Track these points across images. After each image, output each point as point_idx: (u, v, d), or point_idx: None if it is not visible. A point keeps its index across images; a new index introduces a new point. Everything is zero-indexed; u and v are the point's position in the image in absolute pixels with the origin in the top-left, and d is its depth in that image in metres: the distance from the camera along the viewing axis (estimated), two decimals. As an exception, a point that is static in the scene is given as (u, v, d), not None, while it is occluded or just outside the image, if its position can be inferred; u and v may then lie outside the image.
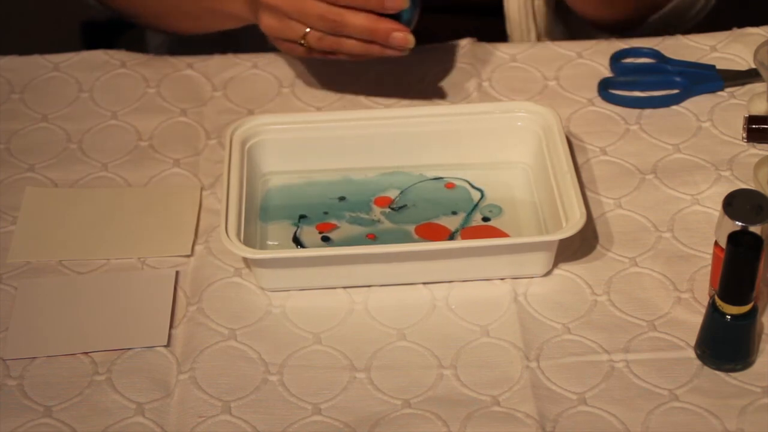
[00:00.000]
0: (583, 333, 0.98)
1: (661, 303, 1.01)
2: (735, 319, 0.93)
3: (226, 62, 1.25)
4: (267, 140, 1.10)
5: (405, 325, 1.00)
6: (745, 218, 0.94)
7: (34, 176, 1.14)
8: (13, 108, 1.21)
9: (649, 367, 0.96)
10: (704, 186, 1.10)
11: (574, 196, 1.02)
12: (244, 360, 0.98)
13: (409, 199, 1.09)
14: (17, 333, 1.00)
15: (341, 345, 0.98)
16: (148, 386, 0.96)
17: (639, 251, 1.05)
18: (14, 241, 1.07)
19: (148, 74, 1.24)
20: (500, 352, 0.97)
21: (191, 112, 1.20)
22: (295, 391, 0.95)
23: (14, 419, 0.94)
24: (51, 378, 0.97)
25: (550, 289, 1.02)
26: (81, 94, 1.22)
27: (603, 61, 1.23)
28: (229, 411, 0.94)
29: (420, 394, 0.95)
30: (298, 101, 1.21)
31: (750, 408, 0.93)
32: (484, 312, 1.00)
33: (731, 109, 1.17)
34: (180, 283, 1.04)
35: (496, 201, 1.09)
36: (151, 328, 1.00)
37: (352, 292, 1.02)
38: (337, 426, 0.93)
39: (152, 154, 1.15)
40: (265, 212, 1.08)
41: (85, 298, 1.03)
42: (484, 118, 1.11)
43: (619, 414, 0.93)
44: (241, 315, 1.01)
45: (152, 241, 1.07)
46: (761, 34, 1.24)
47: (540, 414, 0.92)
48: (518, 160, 1.11)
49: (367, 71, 1.23)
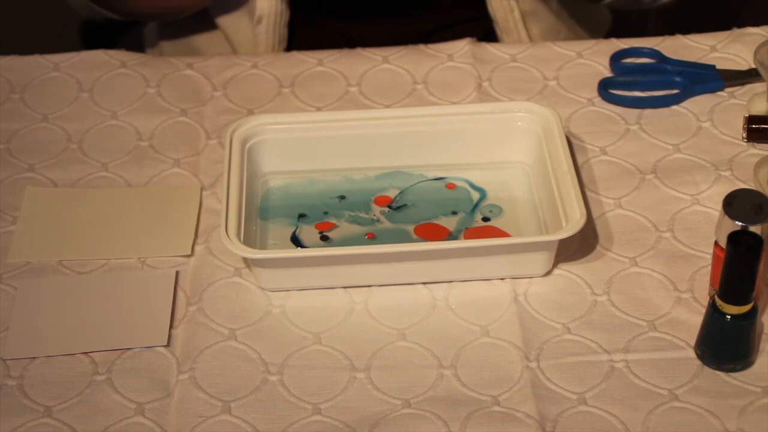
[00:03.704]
0: (583, 333, 0.99)
1: (661, 303, 1.01)
2: (735, 319, 0.93)
3: (226, 62, 1.25)
4: (267, 140, 1.10)
5: (405, 325, 1.00)
6: (745, 218, 0.94)
7: (34, 176, 1.14)
8: (13, 108, 1.21)
9: (649, 367, 0.96)
10: (704, 186, 1.10)
11: (574, 196, 1.02)
12: (244, 360, 0.98)
13: (409, 199, 1.09)
14: (17, 333, 1.00)
15: (341, 345, 0.98)
16: (148, 386, 0.96)
17: (639, 251, 1.05)
18: (14, 241, 1.07)
19: (148, 74, 1.24)
20: (500, 352, 0.98)
21: (191, 112, 1.20)
22: (295, 391, 0.95)
23: (14, 419, 0.94)
24: (51, 378, 0.97)
25: (550, 289, 1.02)
26: (81, 94, 1.22)
27: (603, 61, 1.23)
28: (229, 411, 0.94)
29: (420, 394, 0.95)
30: (298, 101, 1.21)
31: (750, 408, 0.93)
32: (484, 312, 1.00)
33: (731, 109, 1.17)
34: (180, 283, 1.04)
35: (496, 201, 1.09)
36: (151, 328, 1.00)
37: (352, 292, 1.02)
38: (337, 426, 0.93)
39: (152, 154, 1.15)
40: (265, 212, 1.08)
41: (85, 298, 1.03)
42: (484, 118, 1.11)
43: (619, 414, 0.93)
44: (241, 315, 1.01)
45: (152, 241, 1.07)
46: (761, 34, 1.24)
47: (540, 414, 0.93)
48: (518, 160, 1.11)
49: (367, 71, 1.23)
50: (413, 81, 1.22)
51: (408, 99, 1.20)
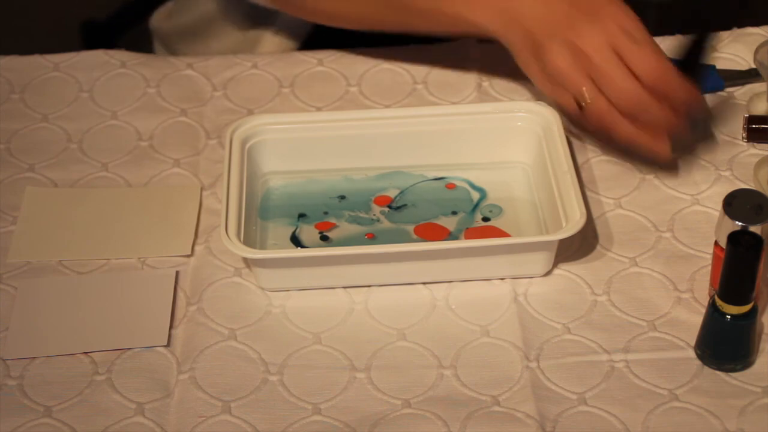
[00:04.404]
0: (583, 333, 0.98)
1: (661, 303, 1.01)
2: (735, 319, 0.93)
3: (226, 62, 1.25)
4: (267, 140, 1.10)
5: (405, 325, 1.00)
6: (745, 218, 0.94)
7: (34, 176, 1.14)
8: (13, 108, 1.21)
9: (649, 367, 0.96)
10: (704, 186, 1.10)
11: (574, 196, 1.02)
12: (244, 360, 0.98)
13: (409, 199, 1.09)
14: (17, 333, 1.00)
15: (341, 345, 0.98)
16: (148, 386, 0.96)
17: (639, 251, 1.05)
18: (14, 241, 1.07)
19: (148, 74, 1.24)
20: (500, 352, 0.97)
21: (191, 112, 1.20)
22: (295, 391, 0.95)
23: (14, 419, 0.94)
24: (51, 378, 0.97)
25: (550, 289, 1.02)
26: (81, 94, 1.22)
27: (603, 61, 1.23)
28: (229, 411, 0.94)
29: (420, 394, 0.95)
30: (298, 101, 1.21)
31: (750, 408, 0.93)
32: (484, 312, 1.00)
33: (731, 109, 1.17)
34: (180, 283, 1.04)
35: (496, 201, 1.09)
36: (151, 328, 1.00)
37: (352, 292, 1.02)
38: (337, 426, 0.93)
39: (152, 154, 1.15)
40: (265, 212, 1.08)
41: (85, 298, 1.03)
42: (484, 118, 1.11)
43: (619, 414, 0.93)
44: (241, 315, 1.01)
45: (152, 241, 1.07)
46: (761, 34, 1.24)
47: (540, 414, 0.92)
48: (518, 160, 1.11)
49: (367, 71, 1.23)
50: (413, 81, 1.22)
51: (408, 99, 1.20)
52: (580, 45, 0.99)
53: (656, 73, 0.98)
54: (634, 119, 1.00)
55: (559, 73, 1.01)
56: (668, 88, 0.98)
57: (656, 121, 0.99)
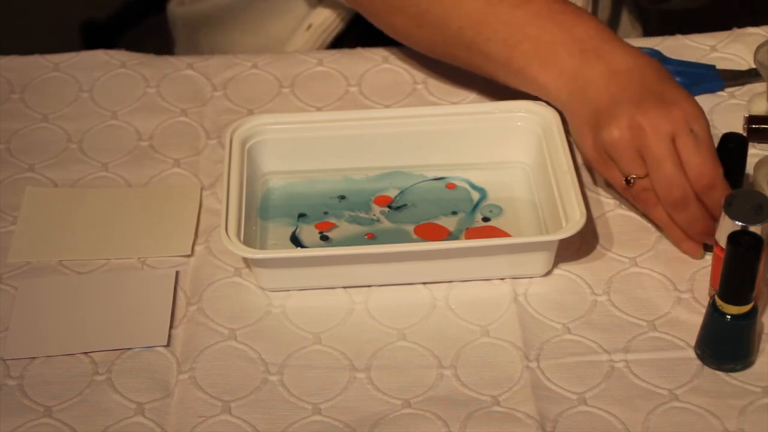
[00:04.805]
0: (583, 333, 0.98)
1: (661, 303, 1.01)
2: (735, 319, 0.93)
3: (226, 62, 1.25)
4: (267, 140, 1.10)
5: (405, 325, 1.00)
6: (745, 218, 0.94)
7: (34, 176, 1.14)
8: (13, 108, 1.21)
9: (649, 367, 0.96)
10: (704, 186, 1.10)
11: (574, 196, 1.02)
12: (244, 360, 0.98)
13: (409, 199, 1.09)
14: (17, 333, 1.00)
15: (341, 345, 0.98)
16: (148, 386, 0.96)
17: (639, 251, 1.05)
18: (14, 241, 1.07)
19: (148, 74, 1.24)
20: (500, 352, 0.97)
21: (191, 112, 1.20)
22: (295, 391, 0.95)
23: (14, 419, 0.94)
24: (51, 378, 0.97)
25: (550, 289, 1.02)
26: (81, 94, 1.22)
27: (603, 61, 1.23)
28: (229, 411, 0.94)
29: (420, 394, 0.95)
30: (298, 101, 1.21)
31: (750, 408, 0.93)
32: (484, 312, 1.00)
33: (731, 109, 1.17)
34: (180, 283, 1.04)
35: (496, 201, 1.09)
36: (151, 328, 1.00)
37: (352, 292, 1.02)
38: (337, 426, 0.93)
39: (152, 154, 1.15)
40: (265, 212, 1.08)
41: (85, 298, 1.03)
42: (484, 118, 1.11)
43: (619, 414, 0.93)
44: (241, 315, 1.01)
45: (152, 241, 1.07)
46: (761, 34, 1.24)
47: (540, 414, 0.93)
48: (518, 160, 1.11)
49: (367, 71, 1.23)
50: (413, 81, 1.22)
51: (408, 99, 1.20)
52: (641, 122, 0.99)
53: (706, 178, 0.98)
54: (672, 210, 1.00)
55: (615, 147, 1.00)
56: (713, 195, 0.99)
57: (693, 220, 1.00)
